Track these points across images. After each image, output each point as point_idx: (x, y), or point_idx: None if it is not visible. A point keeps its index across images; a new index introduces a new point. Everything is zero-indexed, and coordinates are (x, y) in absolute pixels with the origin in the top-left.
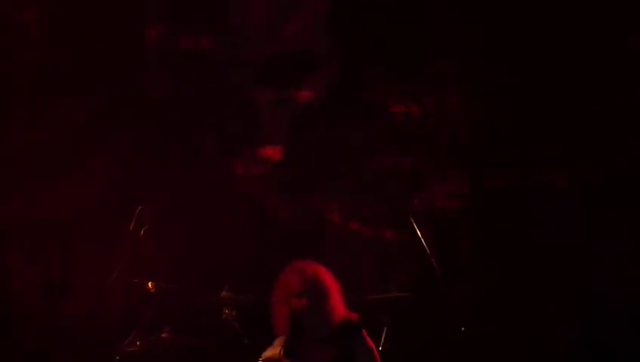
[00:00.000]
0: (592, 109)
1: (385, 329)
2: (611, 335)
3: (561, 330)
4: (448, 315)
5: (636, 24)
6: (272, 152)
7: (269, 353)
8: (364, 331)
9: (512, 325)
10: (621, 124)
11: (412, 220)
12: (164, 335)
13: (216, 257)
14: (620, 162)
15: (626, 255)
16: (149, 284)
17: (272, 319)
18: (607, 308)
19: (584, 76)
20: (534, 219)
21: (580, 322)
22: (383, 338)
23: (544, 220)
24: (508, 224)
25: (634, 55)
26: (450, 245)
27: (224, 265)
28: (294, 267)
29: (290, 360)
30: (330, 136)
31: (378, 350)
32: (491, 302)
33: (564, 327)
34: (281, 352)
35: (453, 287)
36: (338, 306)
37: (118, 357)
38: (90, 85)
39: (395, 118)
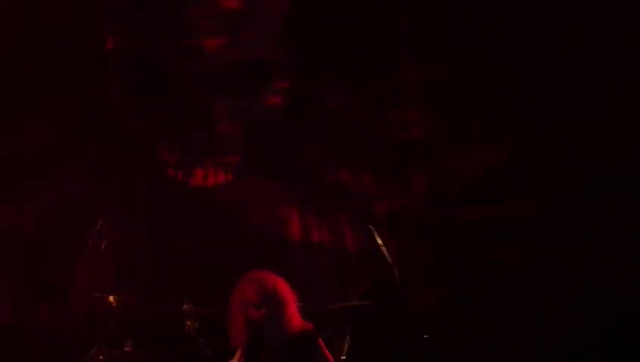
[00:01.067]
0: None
1: (347, 337)
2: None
3: (525, 335)
4: (411, 323)
5: None
6: (232, 162)
7: None
8: (320, 340)
9: (477, 330)
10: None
11: (372, 228)
12: (126, 348)
13: (177, 269)
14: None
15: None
16: (111, 298)
17: (229, 329)
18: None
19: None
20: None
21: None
22: (345, 347)
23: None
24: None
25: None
26: (413, 251)
27: (186, 277)
28: (251, 277)
29: None
30: (289, 145)
31: (341, 359)
32: (456, 309)
33: (529, 332)
34: None
35: (416, 294)
36: (295, 316)
37: None
38: (53, 97)
39: (351, 125)
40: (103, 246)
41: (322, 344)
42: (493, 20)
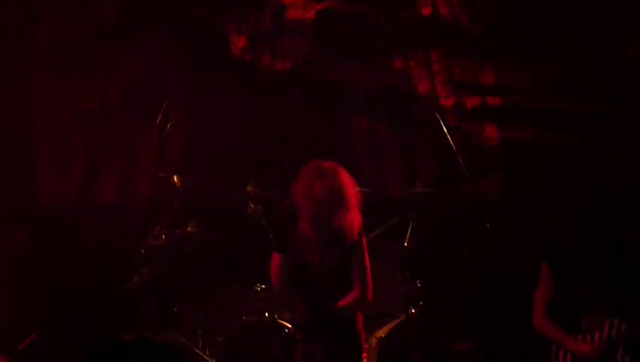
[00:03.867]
0: None
1: (410, 225)
2: None
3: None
4: (474, 213)
5: None
6: (302, 46)
7: None
8: (364, 239)
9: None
10: None
11: (439, 117)
12: (189, 229)
13: (243, 152)
14: None
15: None
16: (175, 178)
17: (285, 215)
18: None
19: None
20: None
21: None
22: (408, 235)
23: None
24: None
25: None
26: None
27: (251, 160)
28: (320, 169)
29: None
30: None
31: (403, 246)
32: (518, 198)
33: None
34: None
35: (480, 183)
36: (355, 219)
37: (142, 251)
38: None
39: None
40: (168, 126)
41: (365, 242)
42: None
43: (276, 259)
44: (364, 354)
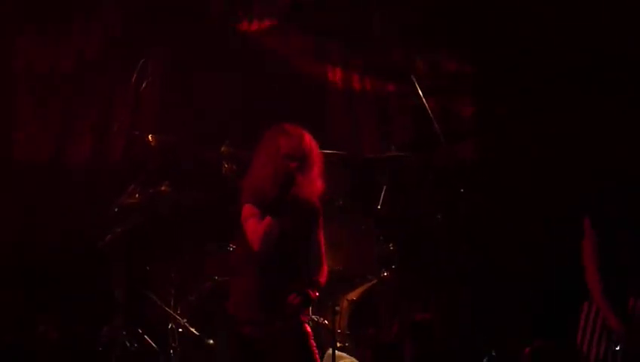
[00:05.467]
0: None
1: (384, 188)
2: None
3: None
4: (449, 178)
5: None
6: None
7: None
8: (321, 218)
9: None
10: None
11: (414, 79)
12: (163, 188)
13: (217, 112)
14: None
15: None
16: (150, 137)
17: (250, 175)
18: None
19: None
20: None
21: None
22: (381, 198)
23: None
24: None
25: None
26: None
27: (225, 120)
28: (287, 129)
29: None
30: None
31: (376, 209)
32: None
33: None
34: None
35: (453, 148)
36: (318, 181)
37: (116, 209)
38: None
39: None
40: (144, 85)
41: (322, 222)
42: None
43: (270, 222)
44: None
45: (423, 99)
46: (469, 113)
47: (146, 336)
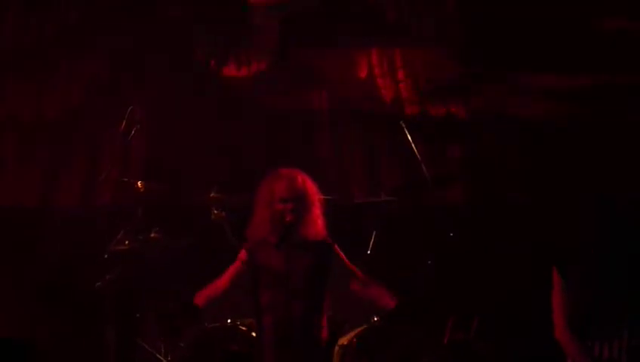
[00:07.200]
0: None
1: (373, 232)
2: None
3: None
4: (437, 219)
5: None
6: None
7: None
8: (336, 246)
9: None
10: None
11: (403, 125)
12: (153, 235)
13: (206, 158)
14: None
15: None
16: (139, 183)
17: (250, 221)
18: None
19: None
20: None
21: None
22: (371, 243)
23: None
24: None
25: None
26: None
27: (214, 166)
28: (281, 173)
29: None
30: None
31: (366, 253)
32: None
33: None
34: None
35: (442, 192)
36: (319, 220)
37: (106, 256)
38: None
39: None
40: (132, 132)
41: (338, 249)
42: None
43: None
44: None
45: (412, 145)
46: (457, 155)
47: None
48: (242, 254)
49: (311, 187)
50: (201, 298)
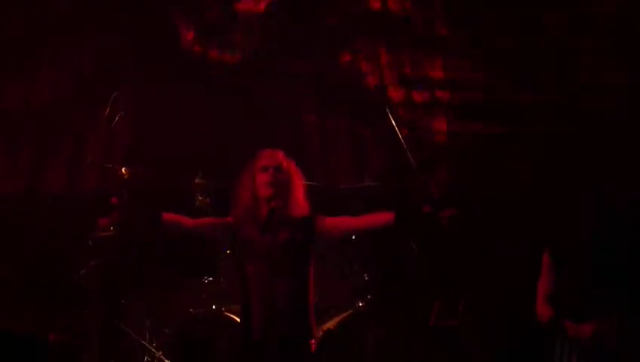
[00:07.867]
0: None
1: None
2: None
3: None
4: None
5: None
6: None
7: None
8: (319, 217)
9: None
10: None
11: (388, 111)
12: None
13: (190, 144)
14: None
15: None
16: (123, 170)
17: (234, 203)
18: None
19: None
20: None
21: None
22: None
23: None
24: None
25: None
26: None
27: (198, 151)
28: (265, 154)
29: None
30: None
31: (351, 239)
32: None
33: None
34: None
35: (428, 176)
36: (303, 202)
37: (90, 242)
38: None
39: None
40: (117, 118)
41: (322, 219)
42: None
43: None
44: (313, 341)
45: (397, 130)
46: (442, 140)
47: None
48: (229, 219)
49: (295, 171)
50: (170, 216)
